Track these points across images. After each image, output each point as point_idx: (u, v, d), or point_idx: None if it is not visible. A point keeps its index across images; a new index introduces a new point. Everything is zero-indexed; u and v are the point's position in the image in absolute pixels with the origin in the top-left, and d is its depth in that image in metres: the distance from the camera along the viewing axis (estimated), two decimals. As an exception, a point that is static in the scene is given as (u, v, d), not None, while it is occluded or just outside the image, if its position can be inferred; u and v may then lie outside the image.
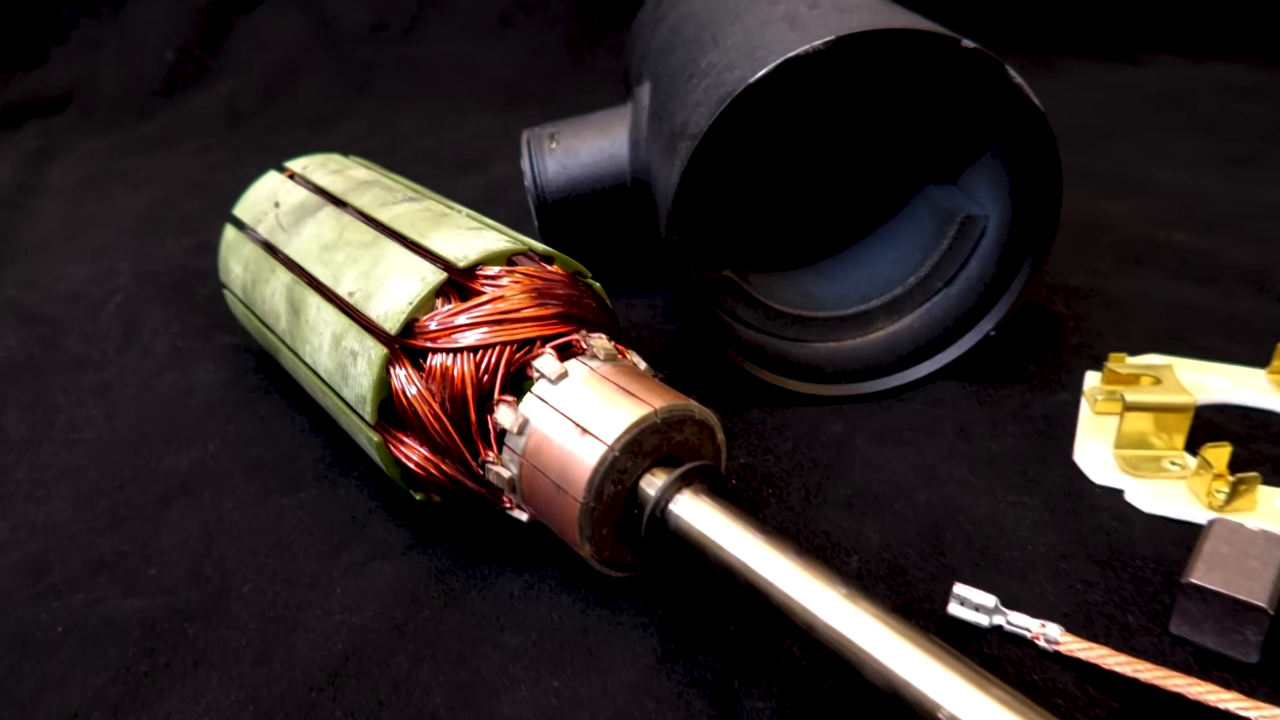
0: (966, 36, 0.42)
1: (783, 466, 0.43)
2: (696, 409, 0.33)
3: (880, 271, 0.52)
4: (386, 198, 0.44)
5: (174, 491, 0.45)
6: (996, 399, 0.47)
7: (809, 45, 0.39)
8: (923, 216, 0.52)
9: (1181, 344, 0.51)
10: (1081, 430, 0.44)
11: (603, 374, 0.34)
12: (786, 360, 0.49)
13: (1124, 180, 0.73)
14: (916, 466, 0.42)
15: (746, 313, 0.50)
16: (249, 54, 1.06)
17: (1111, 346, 0.51)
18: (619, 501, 0.32)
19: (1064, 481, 0.41)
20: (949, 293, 0.50)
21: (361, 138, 0.97)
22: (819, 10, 0.43)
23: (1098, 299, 0.56)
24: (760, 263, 0.54)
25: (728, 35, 0.46)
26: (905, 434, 0.45)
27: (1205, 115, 0.87)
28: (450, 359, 0.35)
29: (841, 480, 0.42)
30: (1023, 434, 0.44)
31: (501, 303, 0.36)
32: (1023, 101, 0.42)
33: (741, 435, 0.46)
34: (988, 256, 0.48)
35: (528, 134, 0.58)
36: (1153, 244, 0.62)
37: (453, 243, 0.38)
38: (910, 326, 0.50)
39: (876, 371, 0.49)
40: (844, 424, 0.46)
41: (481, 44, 1.06)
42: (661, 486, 0.31)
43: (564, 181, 0.56)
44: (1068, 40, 1.06)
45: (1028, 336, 0.52)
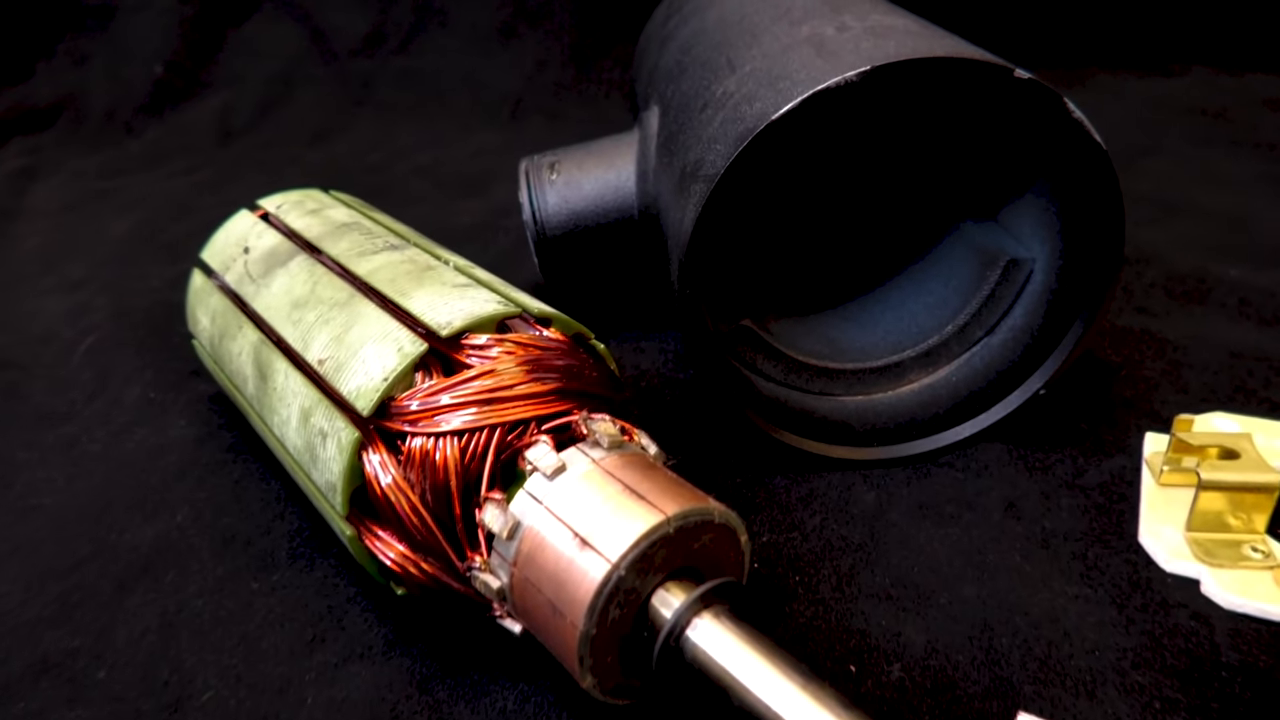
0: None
1: (811, 547, 0.39)
2: (717, 512, 0.28)
3: (913, 317, 0.48)
4: (366, 245, 0.39)
5: (135, 572, 0.40)
6: (1046, 464, 0.42)
7: (841, 76, 0.34)
8: (960, 257, 0.47)
9: (1249, 399, 0.46)
10: (1146, 506, 0.39)
11: (607, 468, 0.29)
12: (812, 417, 0.44)
13: (1167, 204, 0.67)
14: (962, 550, 0.38)
15: (767, 365, 0.45)
16: (241, 67, 1.02)
17: (1169, 401, 0.46)
18: (626, 620, 0.27)
19: (1130, 569, 0.37)
20: (990, 343, 0.45)
21: (359, 154, 0.93)
22: (849, 34, 0.39)
23: (1150, 343, 0.51)
24: (781, 307, 0.49)
25: (745, 59, 0.42)
26: (947, 508, 0.40)
27: (1249, 131, 0.81)
28: (432, 443, 0.31)
29: (877, 565, 0.38)
30: (1078, 508, 0.40)
31: (491, 378, 0.31)
32: (1083, 138, 0.37)
33: (765, 507, 0.41)
34: (1034, 304, 0.43)
35: (526, 163, 0.53)
36: (1206, 278, 0.57)
37: (436, 305, 0.34)
38: (948, 379, 0.45)
39: (911, 430, 0.44)
40: (877, 493, 0.42)
41: (483, 56, 1.01)
42: (678, 610, 0.26)
43: (566, 215, 0.51)
44: (1096, 51, 1.00)
45: (1076, 388, 0.47)
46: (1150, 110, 0.89)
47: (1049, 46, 1.02)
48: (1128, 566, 0.37)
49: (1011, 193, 0.45)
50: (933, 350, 0.46)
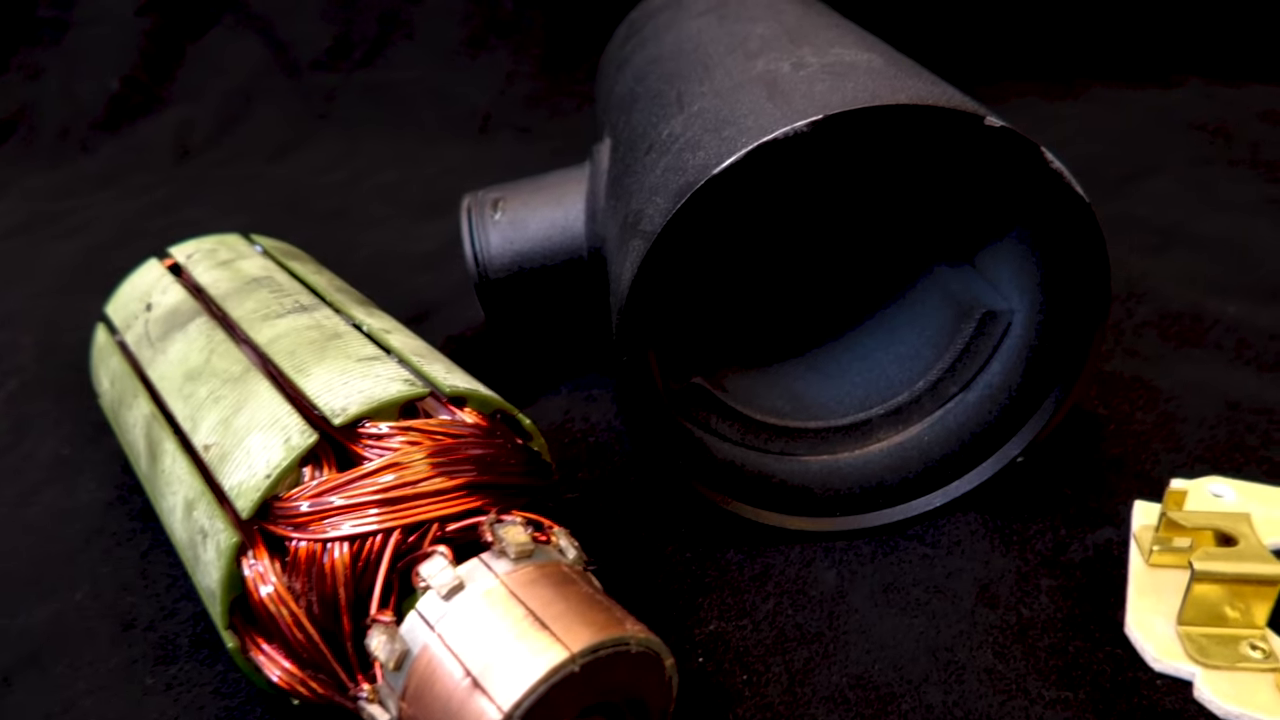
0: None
1: (762, 637, 0.35)
2: (634, 640, 0.24)
3: (883, 369, 0.44)
4: (273, 306, 0.36)
5: (23, 663, 0.37)
6: (1025, 538, 0.39)
7: (790, 126, 0.30)
8: (934, 305, 0.43)
9: (1247, 458, 0.42)
10: (1134, 590, 0.35)
11: (512, 587, 0.25)
12: (770, 482, 0.41)
13: (1163, 230, 0.64)
14: (929, 645, 0.34)
15: (722, 425, 0.41)
16: (200, 81, 0.98)
17: (1161, 460, 0.42)
18: (529, 769, 0.24)
19: (1115, 666, 0.33)
20: (965, 400, 0.41)
21: (320, 171, 0.89)
22: (805, 72, 0.35)
23: (1141, 392, 0.47)
24: (741, 359, 0.45)
25: (695, 96, 0.38)
26: (914, 592, 0.36)
27: (1250, 147, 0.78)
28: (320, 549, 0.27)
29: (835, 660, 0.34)
30: (1059, 592, 0.36)
31: (391, 473, 0.28)
32: (1062, 189, 0.33)
33: (715, 588, 0.37)
34: (1013, 359, 0.40)
35: (468, 200, 0.49)
36: (1203, 316, 0.53)
37: (334, 385, 0.30)
38: (919, 439, 0.42)
39: (878, 497, 0.41)
40: (838, 571, 0.38)
41: (450, 68, 0.97)
42: (581, 764, 0.23)
43: (510, 257, 0.47)
44: (1091, 62, 0.96)
45: (1059, 445, 0.44)
46: (1148, 125, 0.85)
47: (1045, 58, 0.98)
48: (1112, 663, 0.33)
49: (989, 236, 0.41)
50: (903, 407, 0.42)
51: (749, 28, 0.43)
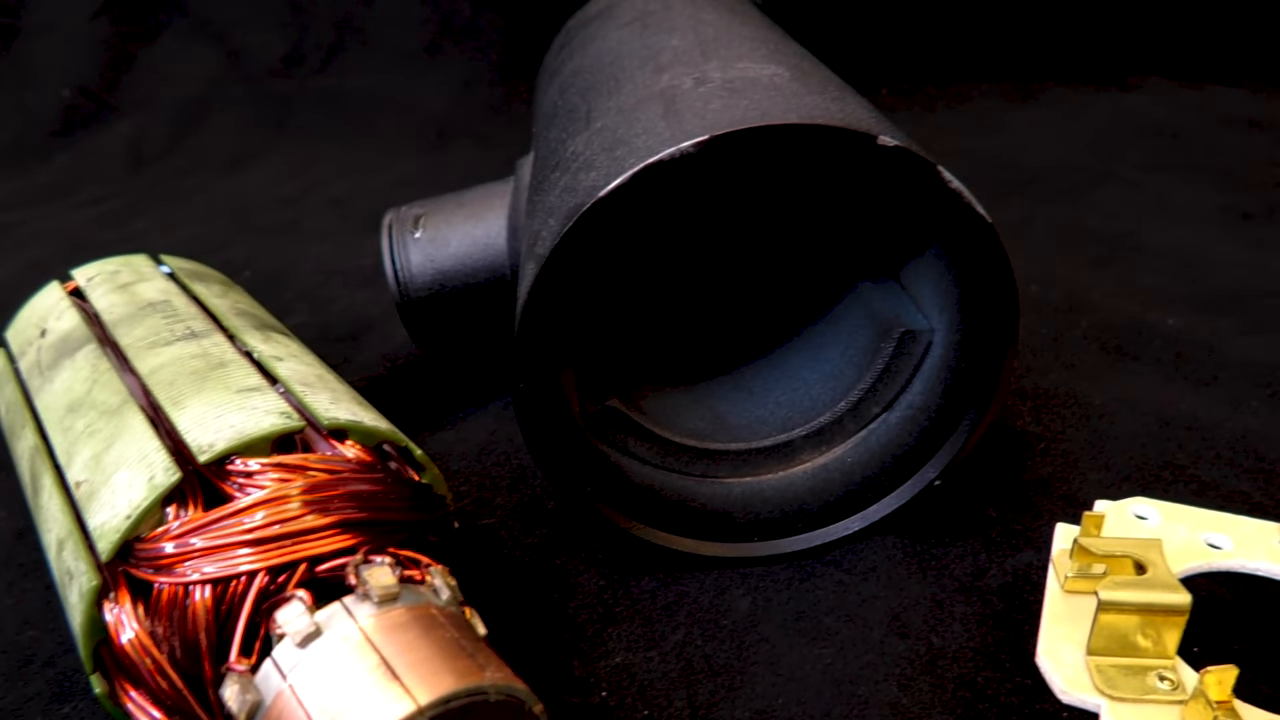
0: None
1: (668, 670, 0.34)
2: (492, 689, 0.24)
3: (807, 388, 0.43)
4: (162, 333, 0.35)
5: (-86, 703, 0.36)
6: (943, 563, 0.38)
7: (675, 148, 0.30)
8: (858, 323, 0.42)
9: (1175, 477, 0.42)
10: (1048, 618, 0.34)
11: (369, 633, 0.24)
12: (688, 507, 0.40)
13: (1113, 240, 0.63)
14: (835, 677, 0.33)
15: (641, 448, 0.40)
16: (153, 89, 0.97)
17: (1089, 480, 0.42)
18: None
19: (1023, 698, 0.32)
20: (888, 420, 0.40)
21: (273, 183, 0.88)
22: (706, 88, 0.34)
23: (1075, 408, 0.46)
24: (664, 378, 0.44)
25: (601, 112, 0.37)
26: (825, 620, 0.36)
27: (1207, 153, 0.77)
28: (182, 592, 0.26)
29: (740, 694, 0.33)
30: (974, 619, 0.35)
31: (258, 512, 0.27)
32: (963, 210, 0.32)
33: (625, 618, 0.37)
34: (933, 380, 0.39)
35: (390, 216, 0.48)
36: (1143, 329, 0.52)
37: (206, 419, 0.29)
38: (841, 461, 0.41)
39: (798, 521, 0.40)
40: (753, 598, 0.37)
41: (406, 76, 0.96)
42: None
43: (431, 275, 0.46)
44: (1051, 64, 0.96)
45: (987, 465, 0.43)
46: (1106, 129, 0.84)
47: (1003, 59, 0.97)
48: (1020, 695, 0.32)
49: (911, 253, 0.40)
50: (825, 428, 0.41)
51: (665, 40, 0.42)
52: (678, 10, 0.48)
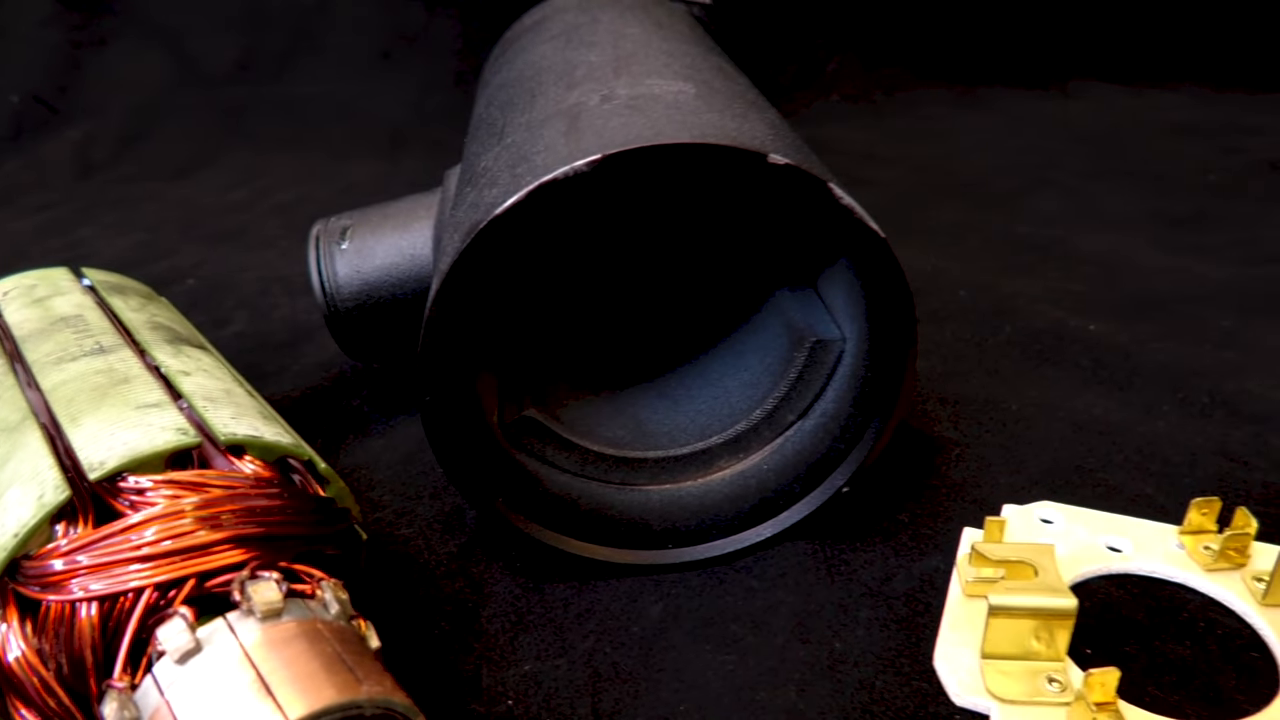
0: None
1: (575, 678, 0.35)
2: (367, 703, 0.24)
3: (727, 396, 0.44)
4: (71, 348, 0.35)
5: None
6: (852, 568, 0.39)
7: (569, 166, 0.30)
8: (775, 331, 0.43)
9: (1084, 481, 0.42)
10: (947, 622, 0.35)
11: (248, 649, 0.25)
12: (606, 515, 0.40)
13: (1043, 246, 0.64)
14: (735, 683, 0.34)
15: (559, 457, 0.41)
16: (103, 95, 0.96)
17: (1001, 485, 0.43)
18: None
19: (919, 702, 0.33)
20: (803, 428, 0.41)
21: (222, 190, 0.87)
22: (609, 105, 0.34)
23: (993, 413, 0.47)
24: (586, 387, 0.45)
25: (513, 128, 0.38)
26: (732, 627, 0.36)
27: (1142, 159, 0.79)
28: (69, 609, 0.26)
29: (643, 702, 0.33)
30: (878, 623, 0.36)
31: (148, 528, 0.27)
32: (855, 225, 0.33)
33: (536, 626, 0.37)
34: (844, 389, 0.40)
35: (319, 227, 0.49)
36: (1064, 335, 0.53)
37: (101, 435, 0.29)
38: (759, 468, 0.41)
39: (713, 529, 0.40)
40: (664, 604, 0.38)
41: (360, 82, 0.96)
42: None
43: (358, 286, 0.47)
44: (996, 67, 0.97)
45: (902, 470, 0.44)
46: (1046, 135, 0.86)
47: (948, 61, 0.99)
48: (917, 699, 0.33)
49: (824, 262, 0.41)
50: (742, 435, 0.42)
51: (584, 55, 0.42)
52: (604, 25, 0.48)
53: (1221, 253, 0.62)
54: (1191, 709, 0.32)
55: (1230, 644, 0.34)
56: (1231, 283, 0.57)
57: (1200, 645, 0.34)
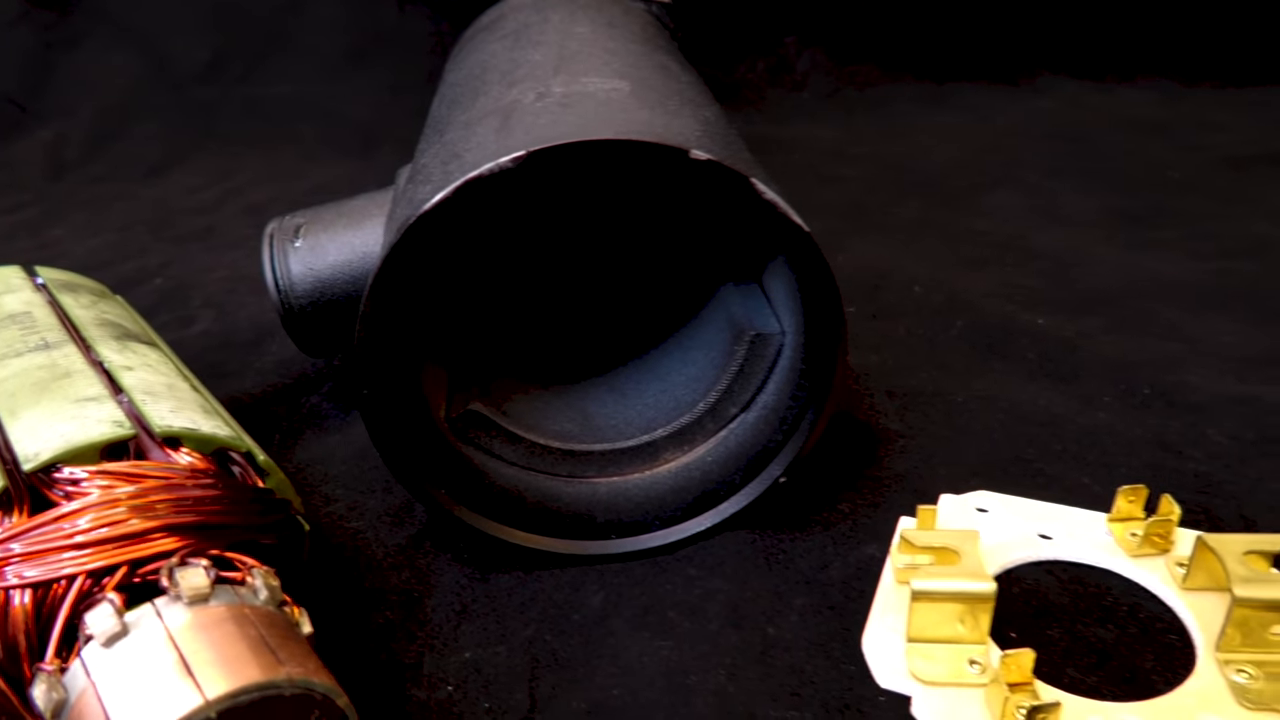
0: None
1: (514, 663, 0.35)
2: (286, 684, 0.25)
3: (674, 389, 0.44)
4: (16, 345, 0.35)
5: None
6: (790, 556, 0.39)
7: (494, 163, 0.31)
8: (719, 326, 0.44)
9: (1022, 471, 0.43)
10: (877, 607, 0.36)
11: (172, 632, 0.25)
12: (548, 510, 0.41)
13: (999, 244, 0.65)
14: (668, 668, 0.34)
15: (506, 449, 0.42)
16: (75, 96, 0.96)
17: (942, 475, 0.43)
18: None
19: (845, 684, 0.34)
20: (746, 420, 0.42)
21: (192, 190, 0.88)
22: (544, 103, 0.35)
23: (938, 405, 0.48)
24: (536, 382, 0.46)
25: (452, 125, 0.38)
26: (669, 614, 0.37)
27: (1103, 156, 0.80)
28: (3, 596, 0.27)
29: (580, 687, 0.34)
30: (812, 610, 0.37)
31: (81, 517, 0.28)
32: (778, 219, 0.34)
33: (479, 615, 0.38)
34: (785, 382, 0.40)
35: (273, 226, 0.49)
36: (1013, 329, 0.54)
37: (39, 428, 0.30)
38: (703, 460, 0.42)
39: (656, 520, 0.41)
40: (606, 594, 0.38)
41: (332, 82, 0.97)
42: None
43: (311, 284, 0.47)
44: (967, 63, 0.98)
45: (845, 461, 0.44)
46: (1011, 132, 0.87)
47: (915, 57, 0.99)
48: (844, 681, 0.34)
49: (766, 257, 0.42)
50: (686, 428, 0.42)
51: (528, 54, 0.43)
52: (553, 24, 0.49)
53: (1173, 249, 0.62)
54: (1108, 689, 0.32)
55: (1151, 627, 0.35)
56: (1180, 278, 0.58)
57: (1121, 628, 0.35)
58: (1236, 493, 0.41)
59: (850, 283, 0.61)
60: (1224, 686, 0.32)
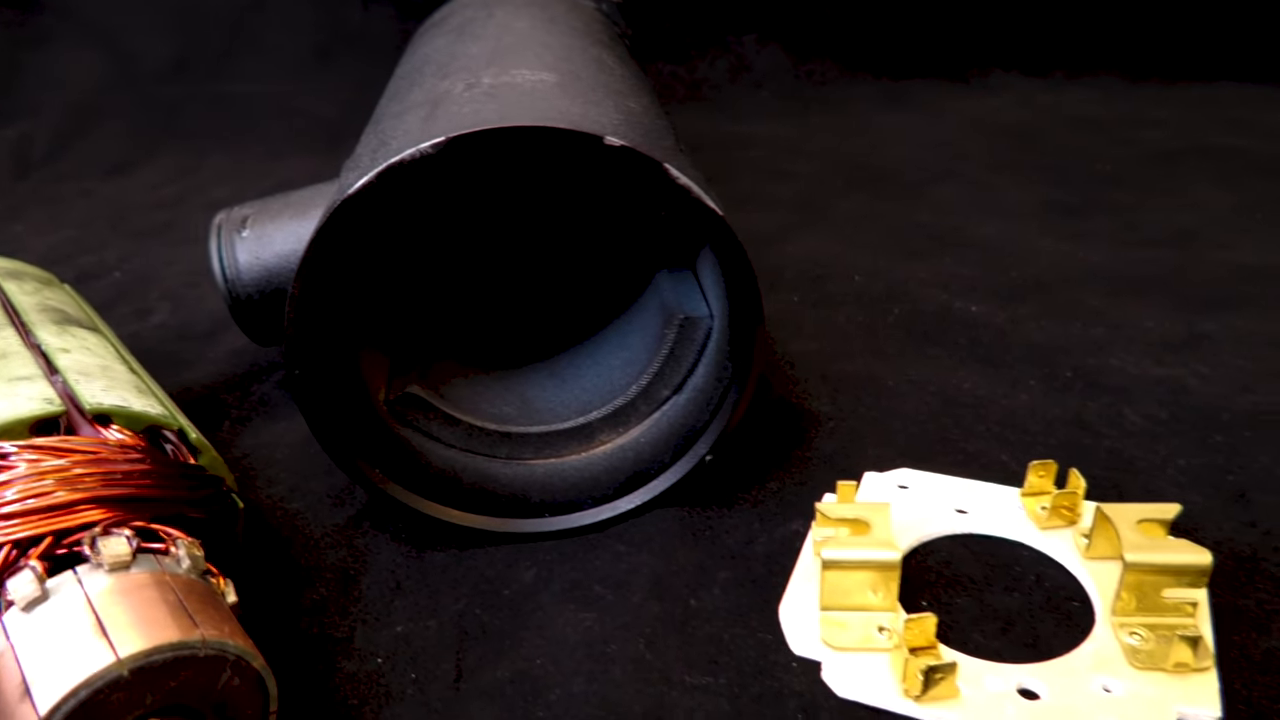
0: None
1: (444, 636, 0.36)
2: (200, 645, 0.26)
3: (610, 374, 0.46)
4: (-44, 329, 0.36)
5: None
6: (717, 533, 0.41)
7: (415, 149, 0.32)
8: (652, 311, 0.45)
9: (946, 449, 0.45)
10: (796, 579, 0.37)
11: (92, 596, 0.26)
12: (485, 490, 0.42)
13: (940, 236, 0.67)
14: (590, 638, 0.36)
15: (444, 431, 0.43)
16: (40, 95, 0.97)
17: (869, 455, 0.45)
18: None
19: (761, 652, 0.35)
20: (677, 402, 0.43)
21: (154, 187, 0.89)
22: (472, 93, 0.36)
23: (870, 389, 0.50)
24: (477, 366, 0.47)
25: (386, 116, 0.40)
26: (595, 588, 0.38)
27: (1046, 152, 0.82)
28: (-68, 567, 0.28)
29: (506, 656, 0.35)
30: (734, 583, 0.38)
31: (8, 489, 0.29)
32: (692, 204, 0.35)
33: (412, 591, 0.39)
34: (714, 364, 0.42)
35: (220, 217, 0.50)
36: (947, 317, 0.56)
37: (-30, 406, 0.31)
38: (636, 441, 0.43)
39: (589, 500, 0.42)
40: (538, 570, 0.40)
41: (298, 80, 0.98)
42: (122, 763, 0.24)
43: (258, 273, 0.48)
44: (922, 60, 1.00)
45: (775, 443, 0.46)
46: (960, 130, 0.89)
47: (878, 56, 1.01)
48: (760, 649, 0.35)
49: (698, 244, 0.43)
50: (620, 410, 0.44)
51: (467, 47, 0.44)
52: (496, 20, 0.50)
53: (1102, 238, 0.64)
54: (1010, 653, 0.34)
55: (1055, 595, 0.36)
56: (1106, 266, 0.60)
57: (1027, 596, 0.36)
58: (1146, 469, 0.42)
59: (795, 273, 0.63)
60: (1117, 649, 0.33)
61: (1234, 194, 0.72)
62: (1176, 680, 0.32)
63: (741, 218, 0.71)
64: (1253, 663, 0.33)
